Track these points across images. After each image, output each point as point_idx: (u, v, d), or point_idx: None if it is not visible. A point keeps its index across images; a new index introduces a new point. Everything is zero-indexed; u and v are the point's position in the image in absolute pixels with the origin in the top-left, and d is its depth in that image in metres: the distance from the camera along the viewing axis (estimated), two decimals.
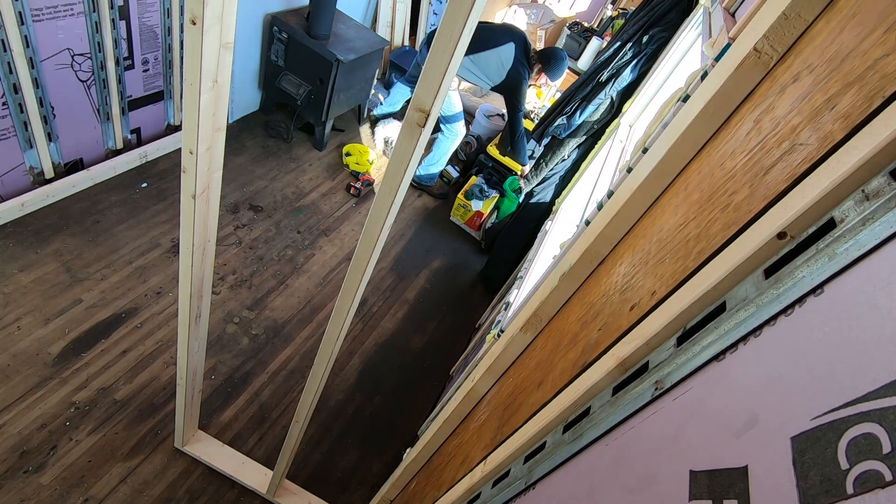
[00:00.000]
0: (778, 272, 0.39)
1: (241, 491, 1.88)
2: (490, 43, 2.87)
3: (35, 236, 2.21)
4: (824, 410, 0.29)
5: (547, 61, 2.99)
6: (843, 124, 0.40)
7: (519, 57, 2.88)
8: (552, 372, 0.78)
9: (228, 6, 0.83)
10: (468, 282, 3.23)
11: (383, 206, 0.82)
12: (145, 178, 2.67)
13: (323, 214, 3.07)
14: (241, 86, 3.23)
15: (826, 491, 0.26)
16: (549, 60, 2.99)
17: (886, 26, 0.42)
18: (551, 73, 3.02)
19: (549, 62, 2.99)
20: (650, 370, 0.51)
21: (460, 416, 1.22)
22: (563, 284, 0.90)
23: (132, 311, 2.16)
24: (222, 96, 0.95)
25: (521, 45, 2.92)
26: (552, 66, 3.00)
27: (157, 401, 1.97)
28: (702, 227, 0.56)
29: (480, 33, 1.99)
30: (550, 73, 3.03)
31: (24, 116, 2.08)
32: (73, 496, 1.67)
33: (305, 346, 2.40)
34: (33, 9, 1.90)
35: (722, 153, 0.61)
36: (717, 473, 0.35)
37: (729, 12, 1.32)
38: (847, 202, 0.35)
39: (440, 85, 0.65)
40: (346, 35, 3.19)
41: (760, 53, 0.60)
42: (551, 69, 3.01)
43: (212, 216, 1.16)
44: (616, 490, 0.47)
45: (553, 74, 3.04)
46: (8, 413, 1.75)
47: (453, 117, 3.30)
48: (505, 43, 2.88)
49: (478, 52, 2.85)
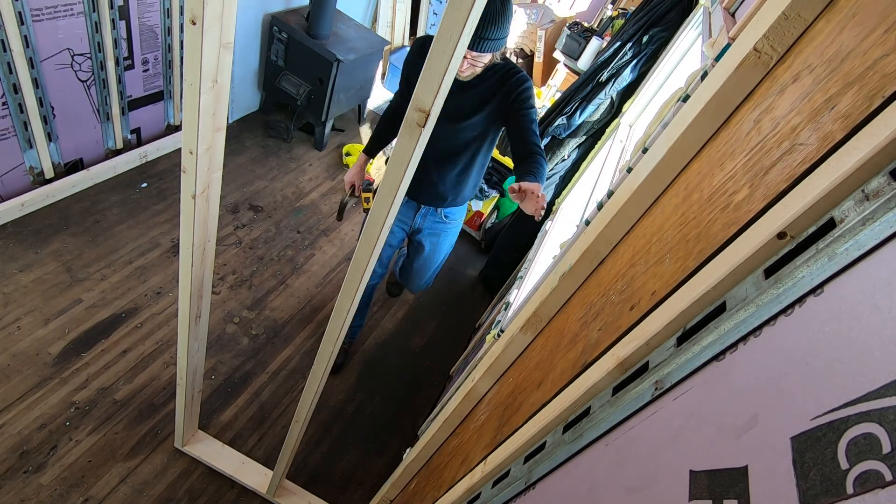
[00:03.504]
0: (778, 272, 0.39)
1: (241, 491, 1.88)
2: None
3: (35, 236, 2.21)
4: (824, 410, 0.29)
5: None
6: (843, 124, 0.40)
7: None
8: (552, 372, 0.78)
9: (228, 6, 0.83)
10: (468, 282, 3.23)
11: (383, 206, 0.82)
12: (145, 178, 2.67)
13: (323, 214, 3.07)
14: (241, 86, 3.23)
15: (826, 491, 0.26)
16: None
17: (886, 26, 0.42)
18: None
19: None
20: (650, 370, 0.51)
21: (460, 417, 1.22)
22: (563, 284, 0.90)
23: (132, 311, 2.16)
24: (222, 96, 0.95)
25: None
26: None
27: (157, 401, 1.97)
28: (702, 227, 0.56)
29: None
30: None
31: (24, 116, 2.08)
32: (73, 496, 1.67)
33: (305, 346, 2.40)
34: (33, 9, 1.90)
35: (722, 153, 0.61)
36: (717, 473, 0.35)
37: (729, 12, 1.32)
38: (847, 202, 0.35)
39: (440, 85, 0.65)
40: (346, 35, 3.19)
41: (760, 53, 0.60)
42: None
43: (212, 216, 1.16)
44: (616, 490, 0.47)
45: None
46: (8, 413, 1.75)
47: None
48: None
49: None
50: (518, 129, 1.51)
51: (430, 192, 1.76)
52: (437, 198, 1.79)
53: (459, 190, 1.79)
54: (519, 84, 1.52)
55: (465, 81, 1.53)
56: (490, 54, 1.46)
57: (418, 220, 1.88)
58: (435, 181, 1.73)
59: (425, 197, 1.79)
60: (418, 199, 1.81)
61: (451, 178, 1.73)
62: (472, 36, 1.31)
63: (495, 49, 1.45)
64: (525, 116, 1.51)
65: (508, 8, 1.39)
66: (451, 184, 1.75)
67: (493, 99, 1.55)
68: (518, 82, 1.52)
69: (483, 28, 1.36)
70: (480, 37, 1.38)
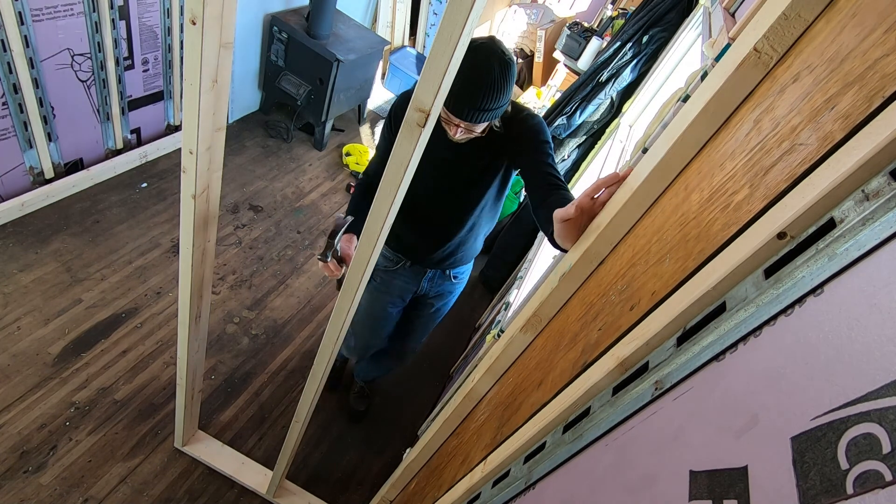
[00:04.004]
0: (778, 272, 0.39)
1: (241, 491, 1.88)
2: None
3: (35, 236, 2.21)
4: (824, 410, 0.29)
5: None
6: (843, 124, 0.40)
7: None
8: (552, 372, 0.78)
9: (228, 6, 0.83)
10: (468, 282, 3.22)
11: (383, 207, 0.82)
12: (145, 178, 2.67)
13: (323, 214, 3.07)
14: (241, 86, 3.23)
15: (826, 491, 0.26)
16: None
17: (886, 26, 0.42)
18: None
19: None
20: (650, 370, 0.51)
21: (460, 417, 1.22)
22: (563, 285, 0.90)
23: (132, 311, 2.16)
24: (222, 96, 0.95)
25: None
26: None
27: (157, 401, 1.97)
28: (702, 227, 0.56)
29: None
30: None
31: (24, 116, 2.08)
32: (73, 496, 1.67)
33: (305, 346, 2.40)
34: (33, 9, 1.90)
35: (722, 153, 0.61)
36: (717, 473, 0.35)
37: (729, 12, 1.32)
38: (847, 202, 0.35)
39: (440, 85, 0.65)
40: (346, 35, 3.19)
41: (760, 53, 0.60)
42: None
43: (212, 216, 1.16)
44: (616, 490, 0.47)
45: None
46: (8, 413, 1.75)
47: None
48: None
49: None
50: (535, 173, 1.26)
51: (439, 255, 1.55)
52: (445, 261, 1.59)
53: (469, 246, 1.58)
54: (528, 125, 1.29)
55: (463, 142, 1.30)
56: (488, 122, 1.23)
57: (425, 285, 1.67)
58: (443, 245, 1.53)
59: (433, 262, 1.58)
60: (425, 263, 1.60)
61: (460, 238, 1.52)
62: (467, 106, 1.14)
63: (495, 118, 1.22)
64: (540, 162, 1.26)
65: (511, 73, 1.15)
66: (461, 243, 1.55)
67: (500, 151, 1.33)
68: (527, 124, 1.29)
69: (480, 99, 1.13)
70: (478, 108, 1.15)
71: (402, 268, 1.61)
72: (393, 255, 1.60)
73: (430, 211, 1.46)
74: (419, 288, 1.68)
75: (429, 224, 1.49)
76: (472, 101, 1.14)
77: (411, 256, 1.58)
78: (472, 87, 1.12)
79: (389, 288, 1.67)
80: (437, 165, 1.33)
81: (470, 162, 1.35)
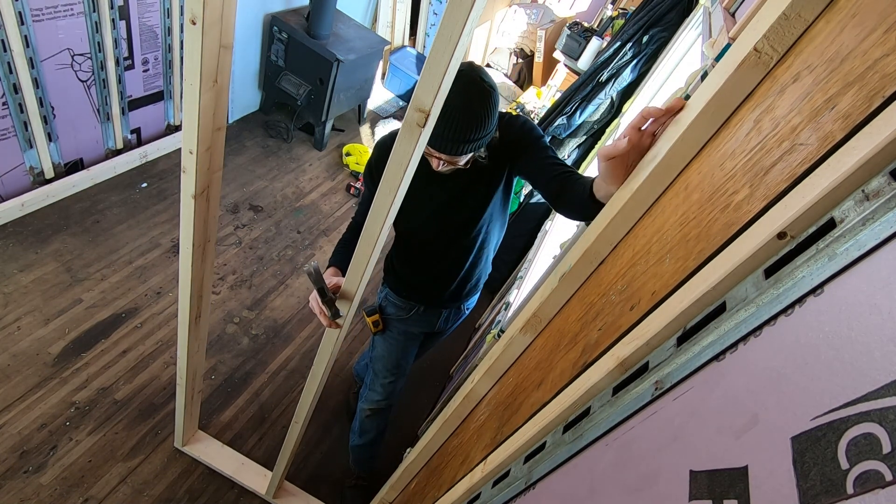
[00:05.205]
0: (778, 272, 0.39)
1: (240, 491, 1.88)
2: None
3: (35, 236, 2.21)
4: (824, 410, 0.29)
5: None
6: (843, 124, 0.40)
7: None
8: (552, 372, 0.78)
9: (228, 6, 0.83)
10: None
11: (383, 206, 0.82)
12: (145, 178, 2.67)
13: (323, 214, 3.07)
14: (241, 86, 3.24)
15: (826, 491, 0.26)
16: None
17: (886, 26, 0.42)
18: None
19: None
20: (650, 370, 0.51)
21: (460, 417, 1.21)
22: (563, 285, 0.90)
23: (132, 311, 2.16)
24: (222, 96, 0.95)
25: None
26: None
27: (157, 401, 1.97)
28: (702, 227, 0.56)
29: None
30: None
31: (25, 116, 2.08)
32: (73, 496, 1.67)
33: (305, 346, 2.40)
34: (33, 9, 1.90)
35: (722, 153, 0.61)
36: (717, 473, 0.35)
37: (729, 12, 1.32)
38: (847, 202, 0.35)
39: (440, 85, 0.65)
40: (346, 35, 3.19)
41: (760, 53, 0.60)
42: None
43: (212, 216, 1.16)
44: (616, 490, 0.47)
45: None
46: (8, 413, 1.75)
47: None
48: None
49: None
50: (542, 170, 1.21)
51: (455, 291, 1.54)
52: (460, 293, 1.58)
53: (482, 268, 1.56)
54: (515, 129, 1.24)
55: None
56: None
57: (441, 324, 1.67)
58: (457, 284, 1.52)
59: (447, 300, 1.58)
60: (440, 304, 1.59)
61: (469, 271, 1.51)
62: (447, 140, 1.09)
63: (478, 148, 1.15)
64: (541, 158, 1.21)
65: (492, 101, 1.09)
66: (473, 267, 1.51)
67: (497, 164, 1.27)
68: (514, 128, 1.24)
69: (461, 130, 1.08)
70: (461, 140, 1.09)
71: (416, 313, 1.61)
72: (405, 304, 1.59)
73: (440, 252, 1.45)
74: (436, 327, 1.68)
75: (440, 262, 1.48)
76: (452, 135, 1.08)
77: (426, 301, 1.58)
78: (449, 121, 1.06)
79: (407, 335, 1.67)
80: (437, 210, 1.33)
81: (469, 193, 1.31)
